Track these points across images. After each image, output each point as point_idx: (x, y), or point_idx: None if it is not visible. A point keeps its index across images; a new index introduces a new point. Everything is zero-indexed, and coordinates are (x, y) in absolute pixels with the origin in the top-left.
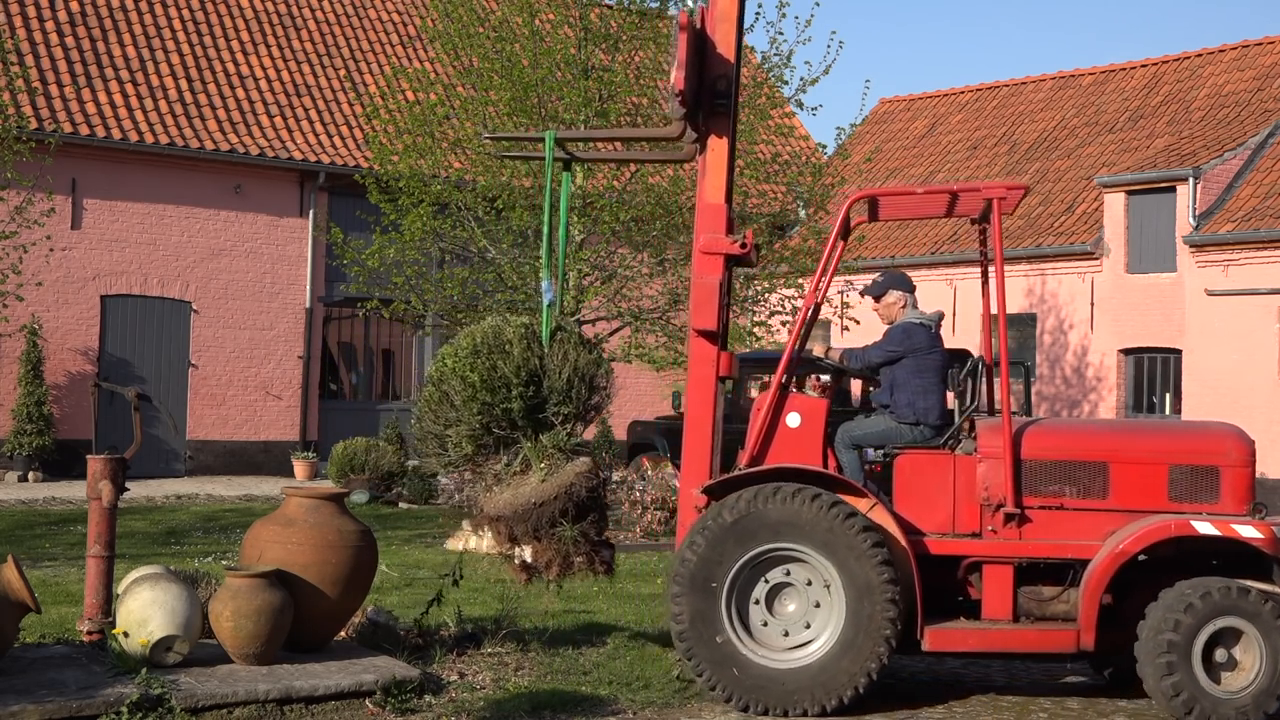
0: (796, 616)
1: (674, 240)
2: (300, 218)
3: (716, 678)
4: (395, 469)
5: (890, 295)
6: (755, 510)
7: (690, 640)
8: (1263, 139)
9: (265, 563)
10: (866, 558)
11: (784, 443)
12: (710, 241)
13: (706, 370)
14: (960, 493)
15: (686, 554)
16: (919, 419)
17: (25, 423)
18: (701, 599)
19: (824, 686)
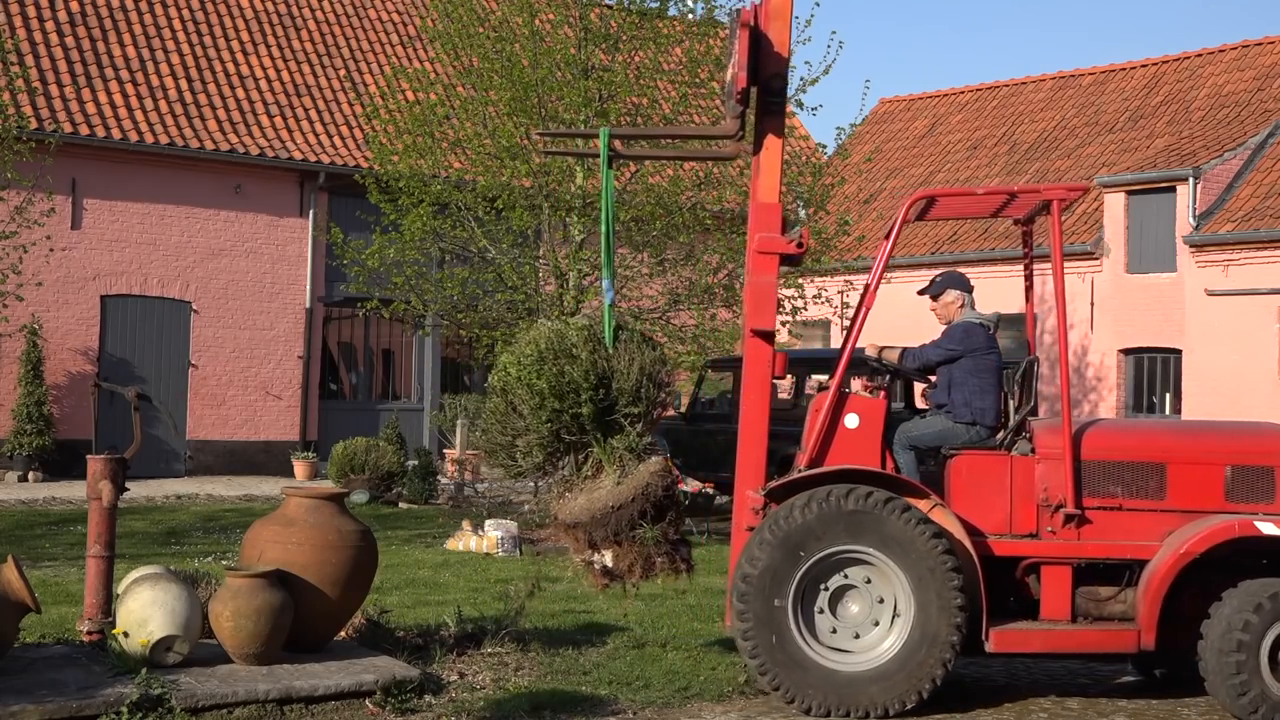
0: (860, 618)
1: (674, 240)
2: (300, 218)
3: (784, 681)
4: (395, 469)
5: (948, 295)
6: (825, 512)
7: (757, 644)
8: (1263, 139)
9: (265, 563)
10: (935, 560)
11: (843, 444)
12: (766, 241)
13: (763, 371)
14: (1017, 494)
15: (753, 556)
16: (976, 419)
17: (25, 423)
18: (768, 602)
19: (892, 688)
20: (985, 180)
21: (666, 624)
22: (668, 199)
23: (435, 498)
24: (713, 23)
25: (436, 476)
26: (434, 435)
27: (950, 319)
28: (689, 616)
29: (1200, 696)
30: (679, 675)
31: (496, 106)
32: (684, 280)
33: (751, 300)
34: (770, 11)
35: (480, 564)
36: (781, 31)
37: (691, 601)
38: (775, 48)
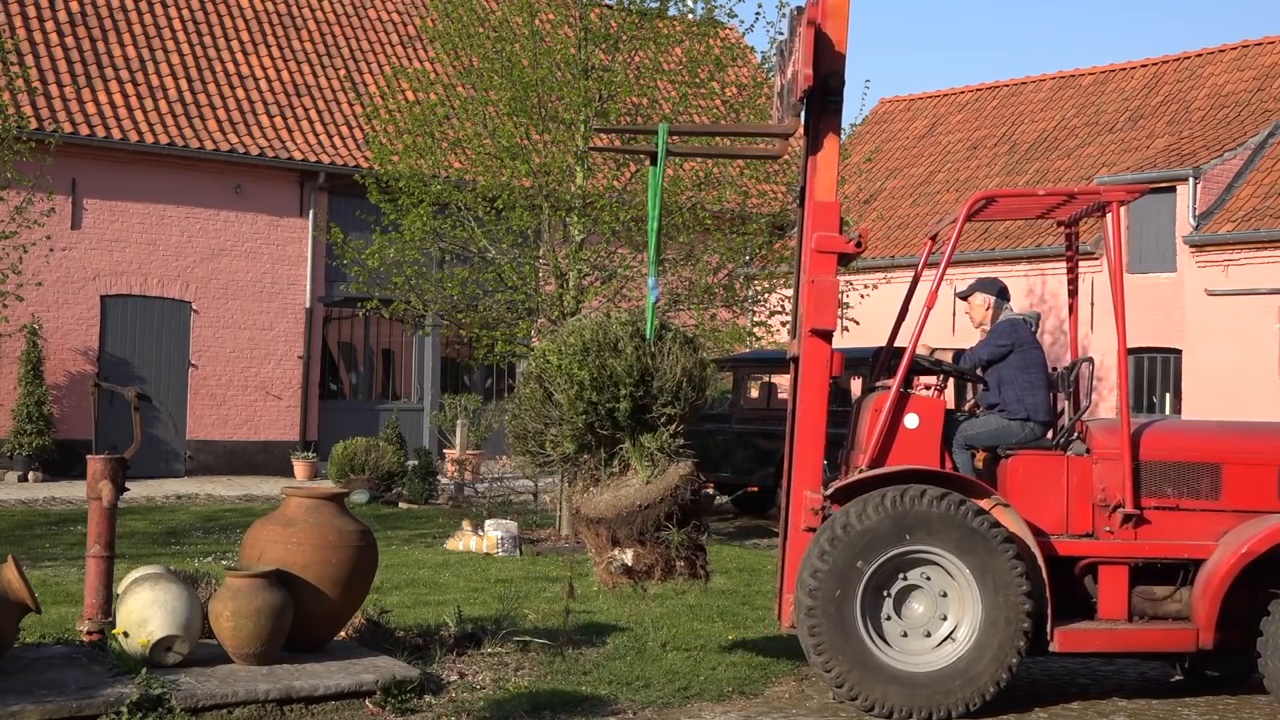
0: (924, 619)
1: (674, 240)
2: (300, 218)
3: (855, 685)
4: (395, 469)
5: (976, 297)
6: (896, 513)
7: (827, 647)
8: (1263, 139)
9: (265, 563)
10: (1005, 561)
11: (903, 444)
12: (825, 240)
13: (821, 371)
14: (1074, 493)
15: (824, 555)
16: (1029, 415)
17: (25, 423)
18: (837, 604)
19: (961, 689)
20: (985, 180)
21: (666, 624)
22: (667, 199)
23: (435, 498)
24: (713, 22)
25: (436, 476)
26: (434, 435)
27: (981, 321)
28: (689, 616)
29: (1200, 696)
30: (679, 675)
31: (496, 106)
32: (684, 280)
33: (812, 300)
34: (828, 9)
35: (480, 564)
36: (839, 29)
37: (691, 601)
38: (834, 46)
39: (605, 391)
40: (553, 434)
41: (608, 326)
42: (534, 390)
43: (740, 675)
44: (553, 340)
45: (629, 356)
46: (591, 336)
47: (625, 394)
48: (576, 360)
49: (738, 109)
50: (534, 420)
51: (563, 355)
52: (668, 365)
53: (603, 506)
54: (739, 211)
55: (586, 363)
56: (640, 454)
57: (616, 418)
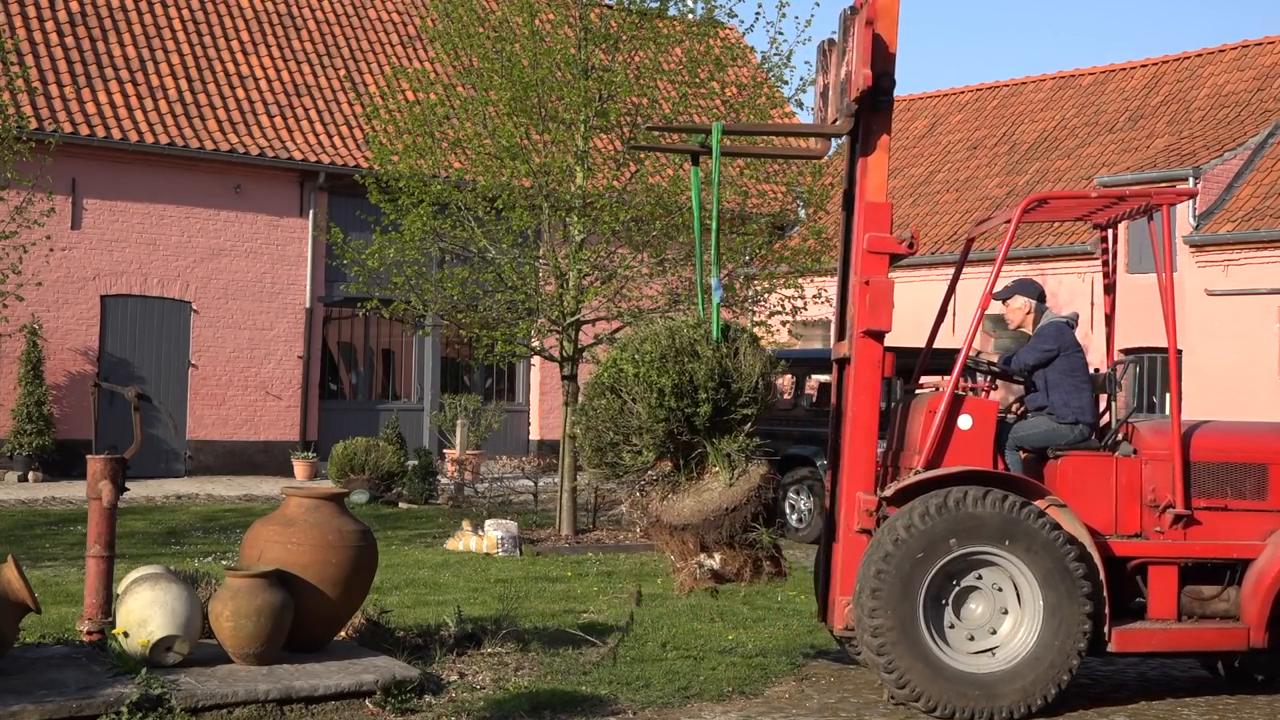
0: (983, 620)
1: (674, 240)
2: (300, 218)
3: (919, 686)
4: (395, 469)
5: (1015, 300)
6: (960, 514)
7: (892, 650)
8: (1263, 139)
9: (265, 563)
10: (1067, 562)
11: (958, 445)
12: (877, 240)
13: (874, 372)
14: (1122, 494)
15: (884, 561)
16: (1077, 417)
17: (25, 423)
18: (901, 606)
19: (1024, 689)
20: (985, 180)
21: (666, 624)
22: (668, 199)
23: (435, 498)
24: (713, 22)
25: (436, 476)
26: (434, 435)
27: (1019, 324)
28: (689, 616)
29: (1200, 696)
30: (679, 675)
31: (496, 106)
32: (684, 280)
33: (864, 300)
34: (879, 9)
35: (480, 564)
36: (890, 29)
37: (692, 601)
38: (886, 46)
39: (685, 397)
40: (633, 443)
41: (679, 331)
42: (610, 401)
43: (740, 675)
44: (623, 349)
45: (709, 360)
46: (669, 343)
47: (706, 398)
48: (656, 368)
49: (738, 109)
50: (612, 432)
51: (640, 364)
52: (746, 366)
53: (687, 512)
54: (739, 211)
55: (667, 369)
56: (720, 457)
57: (695, 423)
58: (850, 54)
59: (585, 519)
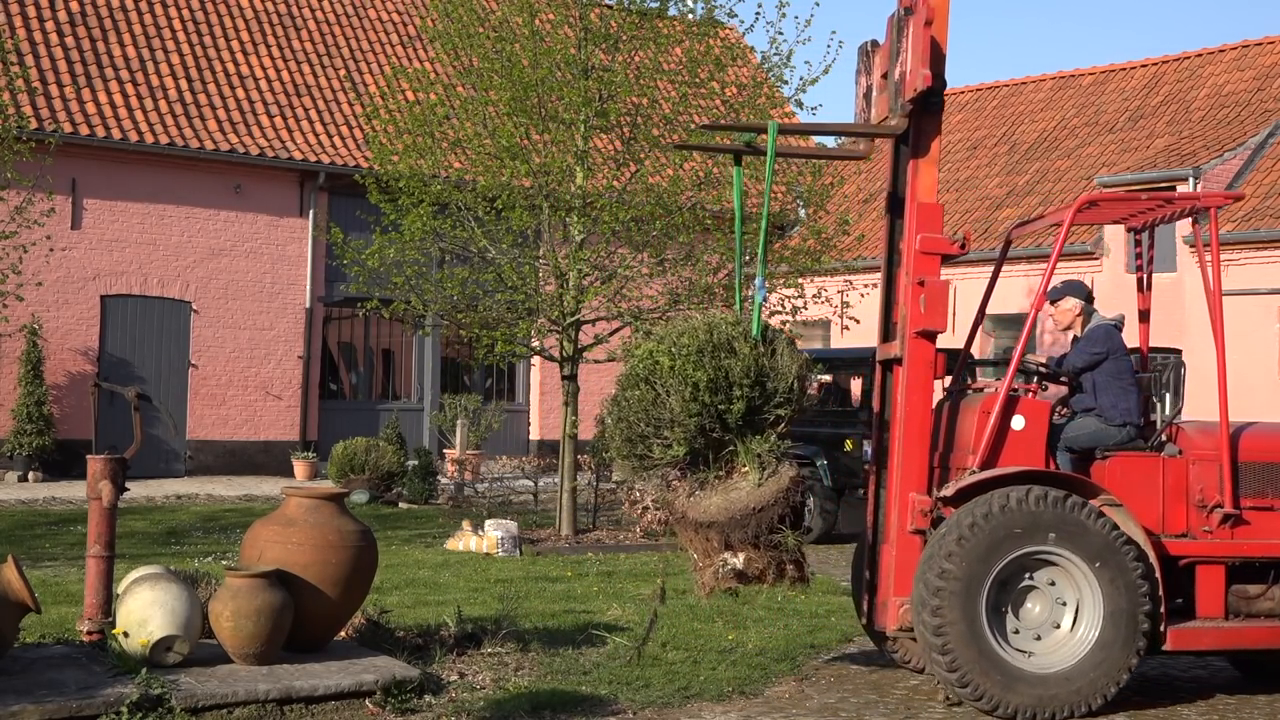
0: (1040, 619)
1: (674, 240)
2: (300, 218)
3: (982, 685)
4: (395, 469)
5: (1065, 302)
6: (1023, 513)
7: (954, 648)
8: (1263, 139)
9: (265, 563)
10: (1126, 562)
11: (1011, 445)
12: (929, 241)
13: (926, 372)
14: (1169, 494)
15: (948, 560)
16: (1125, 419)
17: (25, 423)
18: (964, 605)
19: (1083, 689)
20: (984, 180)
21: (666, 624)
22: (667, 199)
23: (435, 498)
24: (713, 22)
25: (436, 476)
26: (434, 435)
27: (1068, 325)
28: (689, 616)
29: (1200, 696)
30: (679, 675)
31: (496, 106)
32: (684, 280)
33: (916, 301)
34: (933, 9)
35: (480, 564)
36: (942, 30)
37: (691, 601)
38: (939, 46)
39: (719, 393)
40: (665, 436)
41: (717, 326)
42: (644, 393)
43: (740, 675)
44: (659, 342)
45: (746, 357)
46: (707, 338)
47: (740, 395)
48: (692, 361)
49: (738, 109)
50: (643, 424)
51: (676, 357)
52: (783, 366)
53: (713, 510)
54: None
55: (703, 364)
56: (751, 456)
57: (727, 420)
58: (904, 54)
59: (585, 519)
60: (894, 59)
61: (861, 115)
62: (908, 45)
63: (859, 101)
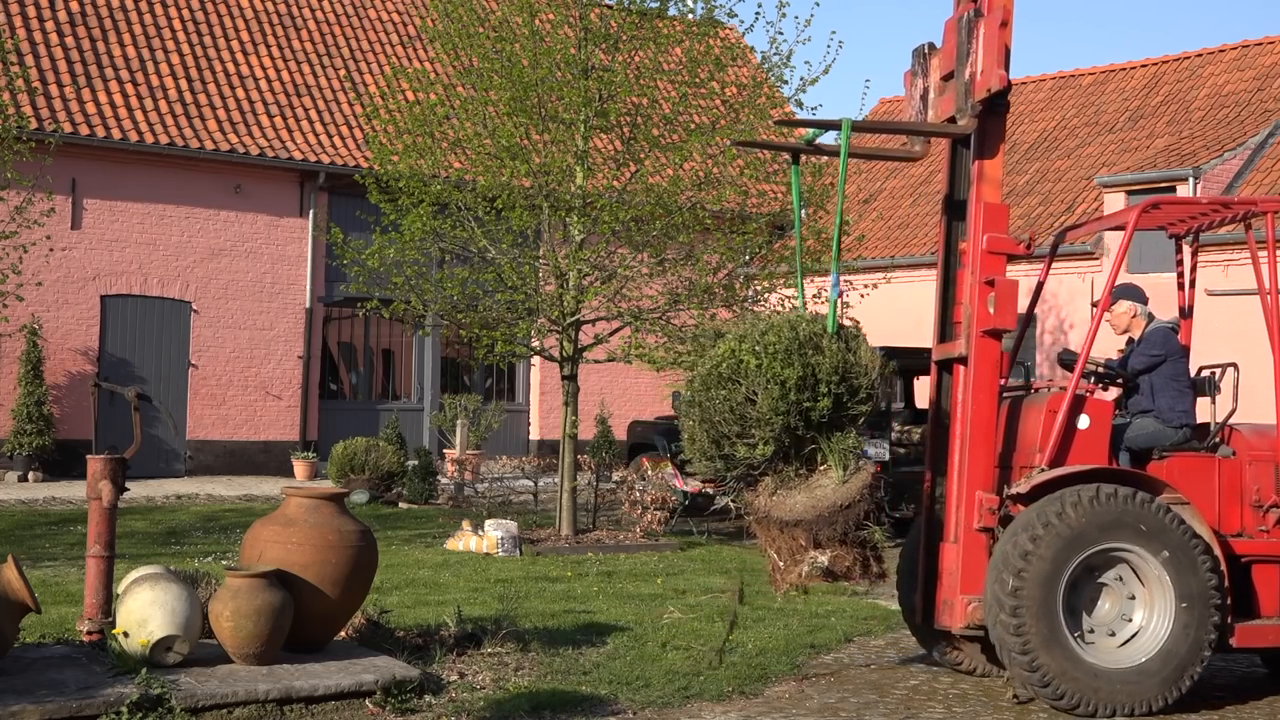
0: (1110, 616)
1: (674, 240)
2: (300, 218)
3: (1060, 682)
4: (395, 469)
5: (1120, 305)
6: (1097, 511)
7: (1034, 645)
8: (1263, 139)
9: (265, 563)
10: (1197, 559)
11: (1078, 444)
12: (997, 241)
13: (992, 372)
14: (1224, 494)
15: (1024, 559)
16: (1182, 421)
17: (25, 423)
18: (1043, 602)
19: (1156, 684)
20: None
21: (666, 624)
22: (667, 199)
23: (435, 498)
24: (713, 22)
25: (436, 476)
26: (434, 435)
27: (1125, 328)
28: (689, 616)
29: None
30: (679, 675)
31: (496, 106)
32: (684, 280)
33: (989, 300)
34: (1008, 10)
35: (480, 564)
36: (1008, 32)
37: (691, 601)
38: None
39: (807, 391)
40: (751, 436)
41: (799, 324)
42: (731, 392)
43: (740, 675)
44: (740, 341)
45: (834, 354)
46: (793, 337)
47: (826, 392)
48: (780, 360)
49: (738, 109)
50: (730, 424)
51: (762, 355)
52: (865, 361)
53: (799, 509)
54: (739, 211)
55: (792, 362)
56: (835, 453)
57: (811, 417)
58: (975, 56)
59: (585, 519)
60: (962, 60)
61: (918, 116)
62: (978, 46)
63: (915, 103)
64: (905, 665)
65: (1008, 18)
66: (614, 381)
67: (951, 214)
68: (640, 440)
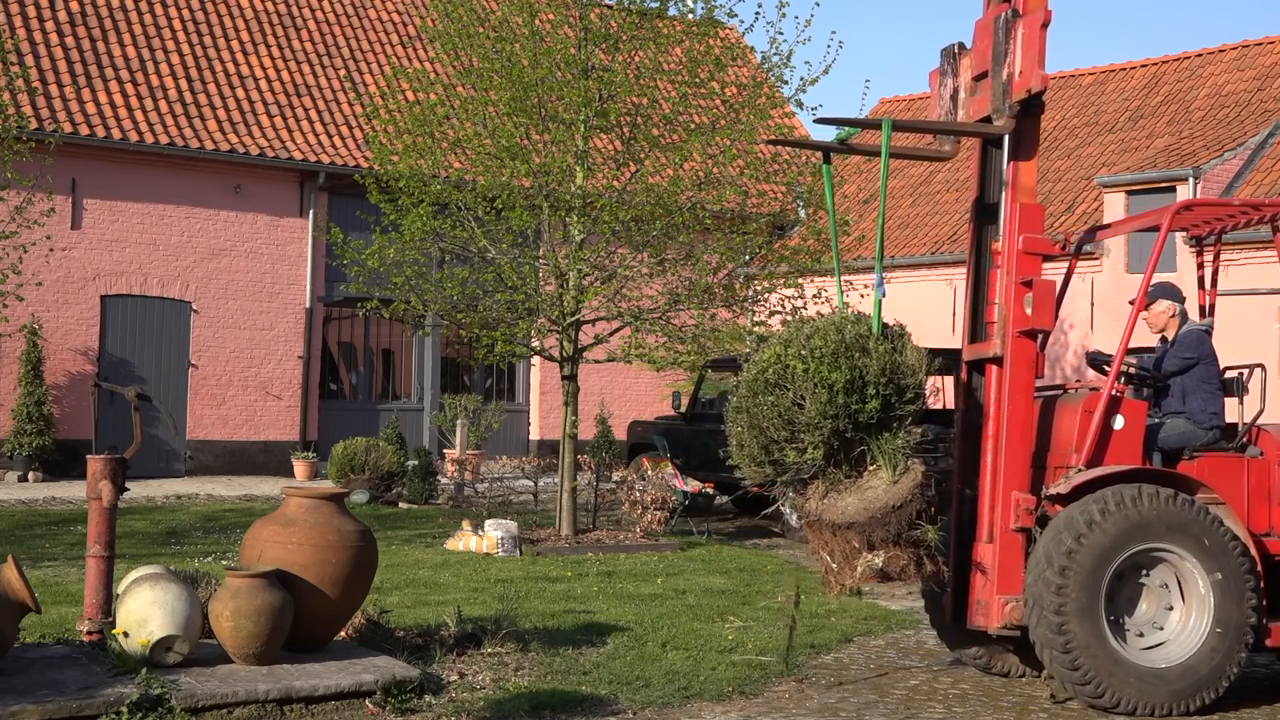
0: (1147, 616)
1: (674, 240)
2: (300, 218)
3: (1103, 682)
4: (395, 469)
5: (1159, 305)
6: (1137, 511)
7: (1076, 645)
8: (1263, 139)
9: (265, 563)
10: (1235, 559)
11: (1113, 445)
12: (1033, 242)
13: (1029, 372)
14: (1253, 494)
15: (1069, 556)
16: (1213, 423)
17: (25, 423)
18: (1085, 601)
19: (1196, 683)
20: None
21: (666, 624)
22: (667, 199)
23: (435, 498)
24: (713, 22)
25: (436, 476)
26: (434, 435)
27: (1162, 328)
28: (689, 616)
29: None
30: (679, 675)
31: (496, 106)
32: (684, 280)
33: (1026, 300)
34: (1049, 11)
35: (480, 564)
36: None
37: (691, 601)
38: None
39: (854, 393)
40: (800, 440)
41: (844, 326)
42: (779, 397)
43: (740, 675)
44: (786, 345)
45: (881, 356)
46: (840, 340)
47: (874, 394)
48: (828, 363)
49: (738, 109)
50: (779, 429)
51: (809, 360)
52: (912, 361)
53: (852, 511)
54: (739, 211)
55: (839, 365)
56: (885, 454)
57: (860, 419)
58: (1013, 56)
59: (585, 519)
60: (999, 61)
61: (947, 116)
62: (1016, 47)
63: (944, 103)
64: (905, 665)
65: (1049, 19)
66: (614, 381)
67: (982, 215)
68: (640, 440)
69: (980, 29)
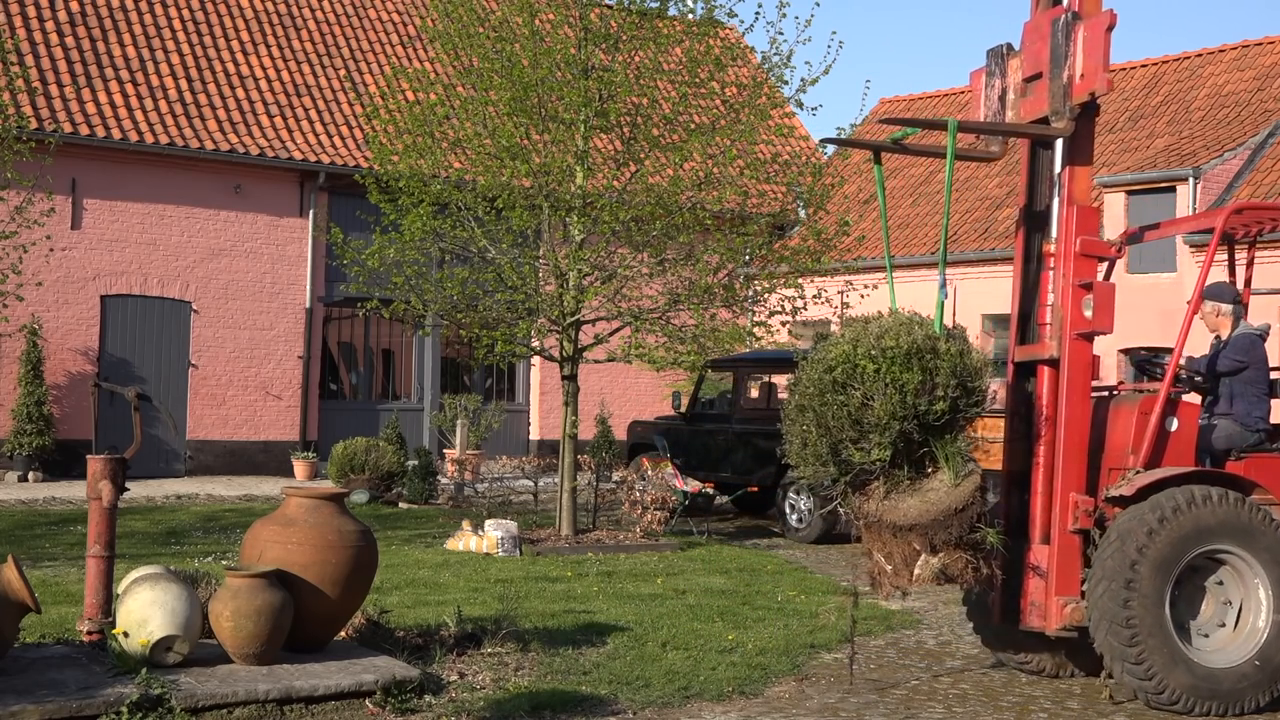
0: (1208, 616)
1: (674, 240)
2: (300, 218)
3: (1169, 683)
4: (395, 469)
5: (1205, 305)
6: (1201, 513)
7: (1143, 644)
8: (1263, 139)
9: (265, 563)
10: None
11: (1170, 446)
12: (1090, 244)
13: (1085, 374)
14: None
15: (1140, 552)
16: (1260, 425)
17: (25, 423)
18: (1151, 604)
19: (1257, 684)
20: (985, 180)
21: (666, 624)
22: (667, 199)
23: (435, 498)
24: (713, 22)
25: (436, 476)
26: (434, 435)
27: (1214, 328)
28: (689, 616)
29: None
30: (679, 675)
31: (496, 106)
32: (684, 280)
33: (1085, 303)
34: (1085, 13)
35: (480, 564)
36: None
37: (691, 601)
38: None
39: (924, 395)
40: (867, 441)
41: (911, 328)
42: (850, 397)
43: (740, 675)
44: (853, 345)
45: (952, 358)
46: (911, 341)
47: (942, 396)
48: (900, 364)
49: (738, 109)
50: (845, 429)
51: (880, 360)
52: (978, 364)
53: (913, 513)
54: (739, 211)
55: (911, 366)
56: (948, 456)
57: (926, 421)
58: (1074, 58)
59: (585, 519)
60: (1058, 63)
61: (995, 116)
62: (1078, 50)
63: (991, 103)
64: (905, 665)
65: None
66: (614, 381)
67: (1030, 217)
68: (640, 440)
69: (1031, 31)
